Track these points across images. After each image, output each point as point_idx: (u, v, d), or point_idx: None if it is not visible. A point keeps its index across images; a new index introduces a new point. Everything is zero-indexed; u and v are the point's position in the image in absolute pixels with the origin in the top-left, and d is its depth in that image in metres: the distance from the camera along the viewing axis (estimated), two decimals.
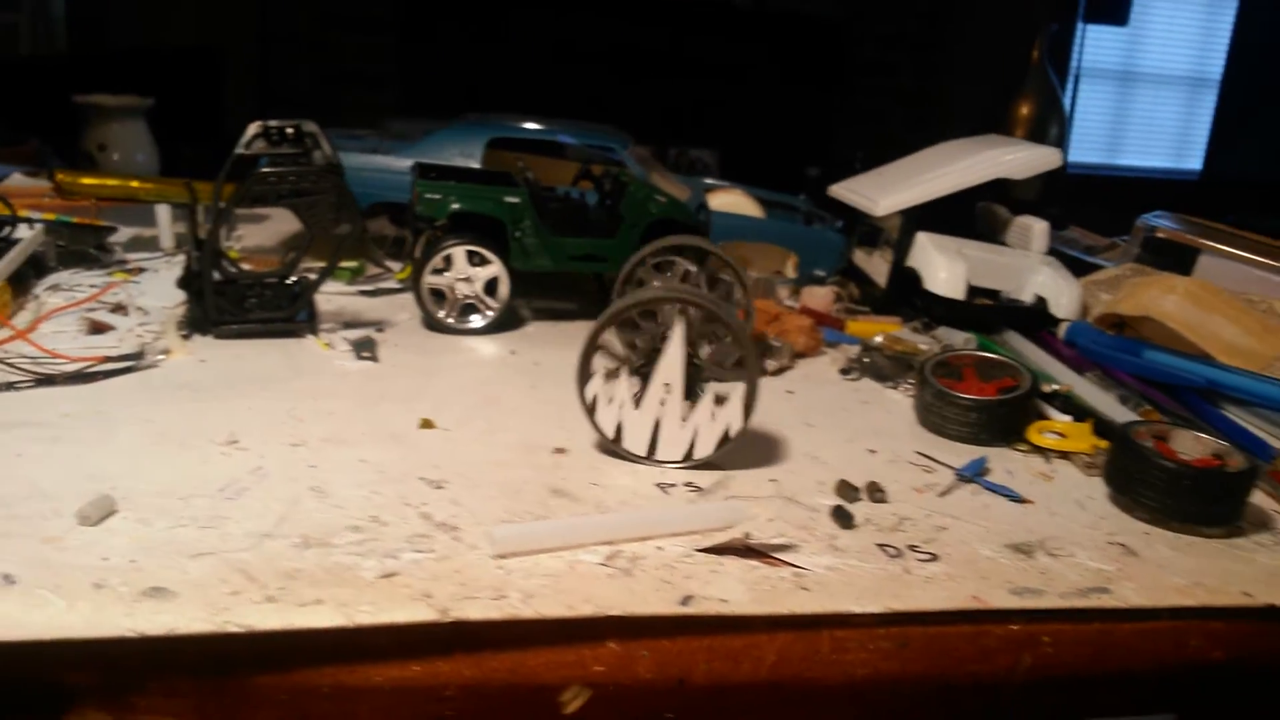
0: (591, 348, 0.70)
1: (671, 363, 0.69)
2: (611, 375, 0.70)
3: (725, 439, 0.70)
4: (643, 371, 0.72)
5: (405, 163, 1.10)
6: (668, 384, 0.69)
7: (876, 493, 0.69)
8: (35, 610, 0.48)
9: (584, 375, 0.70)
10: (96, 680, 0.49)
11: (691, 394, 0.70)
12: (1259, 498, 0.73)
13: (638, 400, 0.70)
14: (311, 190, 0.83)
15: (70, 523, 0.56)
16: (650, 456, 0.71)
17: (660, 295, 0.72)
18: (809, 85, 4.75)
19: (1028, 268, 1.08)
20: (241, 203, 0.81)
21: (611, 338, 0.72)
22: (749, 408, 0.69)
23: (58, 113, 2.04)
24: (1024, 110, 1.84)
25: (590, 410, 0.71)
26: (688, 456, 0.70)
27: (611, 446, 0.71)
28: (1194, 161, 4.90)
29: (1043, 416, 0.84)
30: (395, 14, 4.58)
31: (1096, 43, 4.68)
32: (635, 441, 0.71)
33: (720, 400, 0.70)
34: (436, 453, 0.71)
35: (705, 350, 0.72)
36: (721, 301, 0.72)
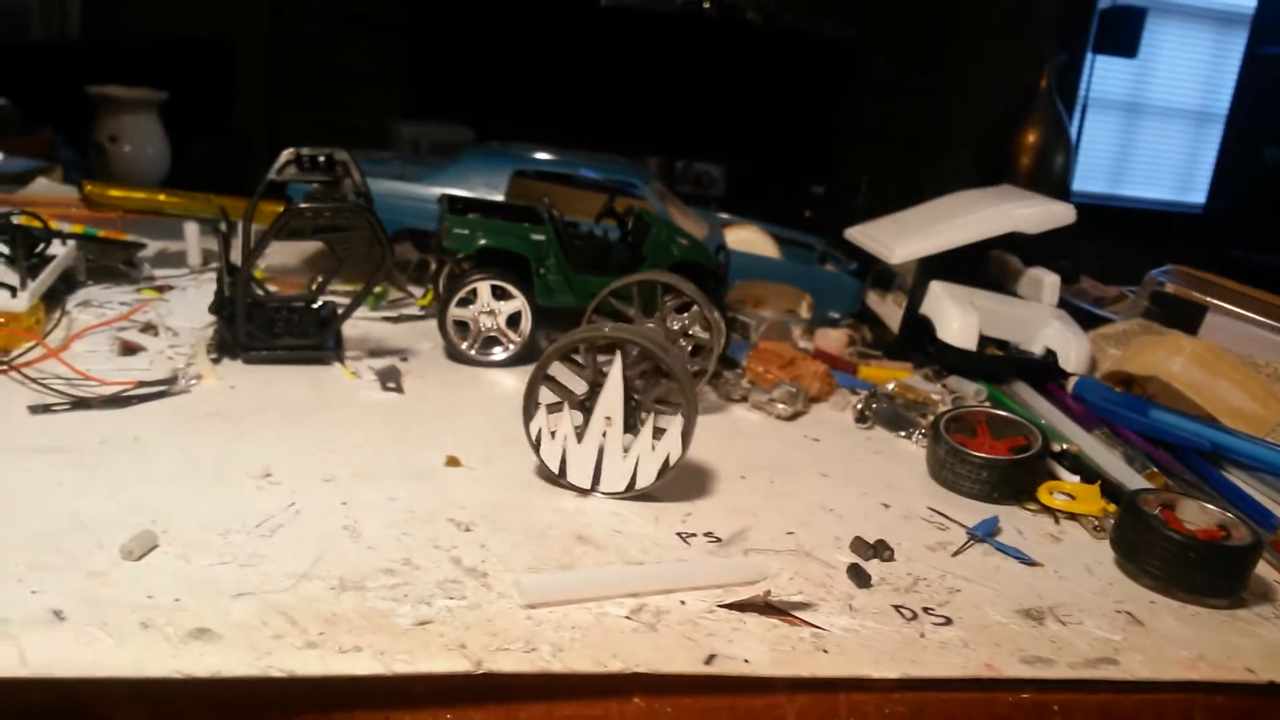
0: (536, 382, 0.74)
1: (611, 397, 0.72)
2: (555, 409, 0.74)
3: (665, 468, 0.73)
4: (586, 406, 0.75)
5: (429, 190, 1.12)
6: (608, 417, 0.73)
7: (885, 550, 0.71)
8: (85, 648, 0.50)
9: (529, 411, 0.74)
10: (143, 717, 0.50)
11: (631, 427, 0.74)
12: (1262, 568, 0.75)
13: (580, 434, 0.73)
14: (347, 225, 0.85)
15: (113, 557, 0.58)
16: (594, 488, 0.74)
17: (594, 335, 0.75)
18: (815, 103, 4.76)
19: (1038, 320, 1.10)
20: (278, 236, 0.83)
21: (560, 371, 0.76)
22: (687, 438, 0.73)
23: (70, 101, 2.04)
24: (1030, 138, 1.85)
25: (536, 445, 0.74)
26: (630, 487, 0.74)
27: (556, 479, 0.74)
28: (1197, 195, 4.94)
29: (1053, 476, 0.86)
30: (407, 16, 4.58)
31: (1105, 73, 4.71)
32: (579, 474, 0.74)
33: (659, 432, 0.73)
34: (463, 493, 0.72)
35: (646, 384, 0.76)
36: (662, 339, 0.76)
